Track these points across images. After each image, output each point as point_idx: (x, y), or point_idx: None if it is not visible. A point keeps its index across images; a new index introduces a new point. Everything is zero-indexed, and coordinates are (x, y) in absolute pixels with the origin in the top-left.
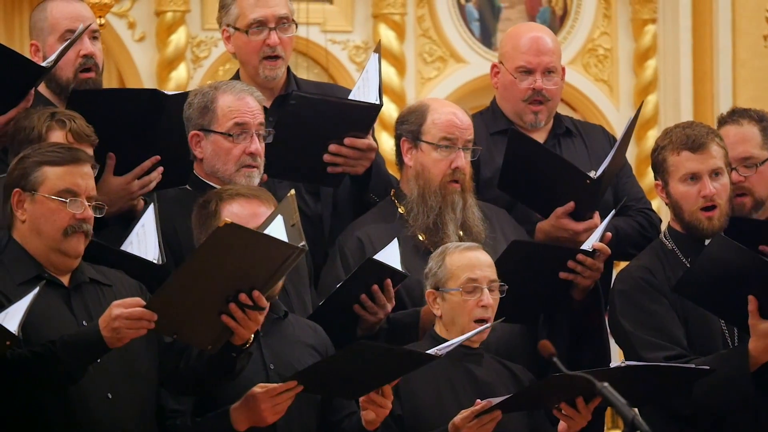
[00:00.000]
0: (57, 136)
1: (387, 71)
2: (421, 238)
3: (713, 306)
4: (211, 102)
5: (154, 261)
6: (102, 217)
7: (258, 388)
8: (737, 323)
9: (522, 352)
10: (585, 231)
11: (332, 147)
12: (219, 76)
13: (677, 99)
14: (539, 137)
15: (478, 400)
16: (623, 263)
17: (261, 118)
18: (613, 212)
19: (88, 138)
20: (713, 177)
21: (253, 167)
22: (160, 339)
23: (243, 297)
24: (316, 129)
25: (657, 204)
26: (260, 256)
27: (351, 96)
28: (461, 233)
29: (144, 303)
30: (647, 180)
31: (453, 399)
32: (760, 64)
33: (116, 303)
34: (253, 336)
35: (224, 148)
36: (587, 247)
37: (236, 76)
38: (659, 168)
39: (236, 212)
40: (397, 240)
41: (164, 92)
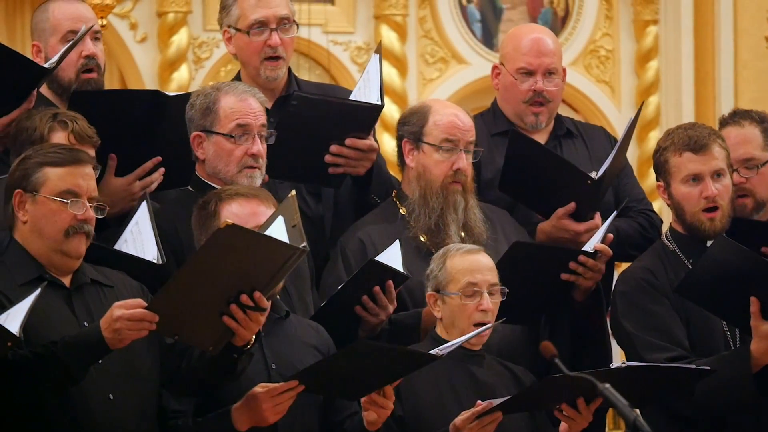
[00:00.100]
0: (59, 137)
1: (388, 72)
2: (423, 239)
3: (715, 307)
4: (213, 103)
5: (154, 261)
6: (103, 218)
7: (259, 388)
8: (739, 324)
9: (523, 354)
10: (586, 232)
11: (333, 148)
12: (221, 77)
13: (679, 100)
14: (540, 138)
15: (479, 401)
16: (624, 264)
17: (263, 120)
18: (615, 213)
19: (90, 139)
20: (715, 178)
21: (255, 168)
22: (162, 340)
23: (244, 298)
24: (318, 130)
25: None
26: (261, 257)
27: (352, 97)
28: (463, 234)
29: (145, 304)
30: (649, 181)
31: (454, 400)
32: (762, 65)
33: (118, 304)
34: (255, 336)
35: (226, 149)
36: (589, 249)
37: (237, 77)
38: (661, 169)
39: (236, 212)
40: (399, 241)
41: (166, 93)
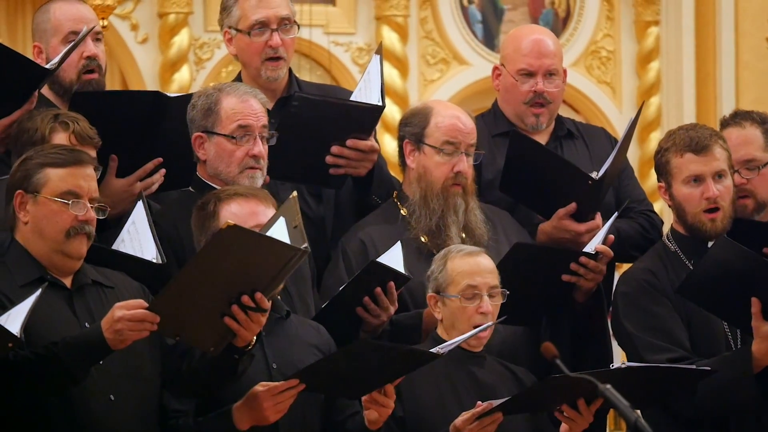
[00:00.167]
0: (60, 138)
1: (390, 73)
2: (424, 240)
3: (716, 308)
4: (215, 104)
5: (153, 260)
6: (104, 219)
7: (260, 387)
8: (740, 325)
9: (524, 354)
10: (587, 232)
11: (335, 149)
12: (222, 78)
13: (680, 101)
14: (541, 139)
15: (479, 402)
16: (625, 265)
17: (264, 121)
18: (616, 214)
19: (91, 140)
20: (716, 179)
21: (256, 169)
22: (163, 341)
23: (245, 299)
24: (319, 130)
25: (660, 206)
26: (262, 258)
27: (353, 98)
28: (464, 235)
29: (147, 305)
30: (650, 182)
31: (455, 401)
32: (763, 66)
33: (119, 305)
34: (256, 337)
35: (227, 150)
36: (590, 250)
37: (238, 78)
38: (662, 170)
39: (235, 212)
40: (400, 242)
41: (167, 94)
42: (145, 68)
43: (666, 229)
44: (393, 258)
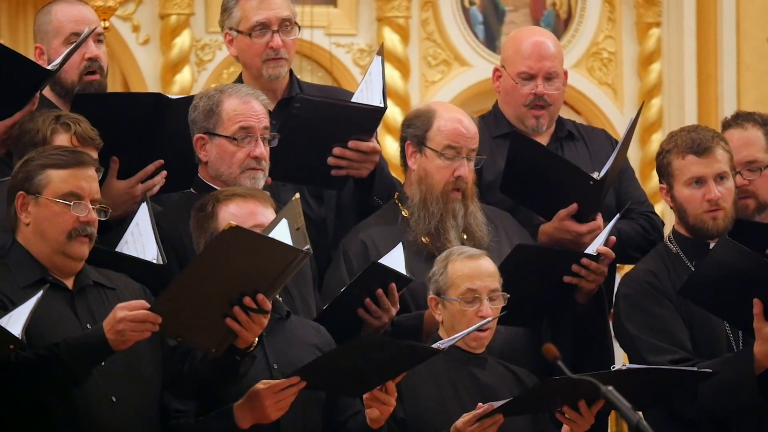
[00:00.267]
0: (62, 139)
1: (391, 74)
2: (425, 241)
3: (718, 309)
4: (217, 105)
5: (154, 261)
6: (105, 221)
7: (261, 385)
8: (742, 326)
9: (526, 356)
10: (588, 233)
11: (336, 150)
12: (223, 79)
13: (681, 102)
14: (541, 141)
15: (480, 404)
16: (627, 267)
17: (266, 122)
18: (618, 216)
19: (93, 141)
20: (718, 181)
21: (258, 170)
22: (164, 342)
23: (247, 300)
24: (320, 132)
25: (661, 208)
26: (264, 260)
27: (354, 99)
28: (465, 237)
29: (148, 305)
30: (652, 183)
31: (456, 402)
32: (765, 68)
33: (121, 305)
34: (257, 338)
35: (229, 152)
36: (591, 251)
37: (239, 79)
38: (664, 171)
39: (234, 212)
40: (402, 243)
41: (168, 96)
42: (147, 69)
43: (668, 231)
44: (394, 259)
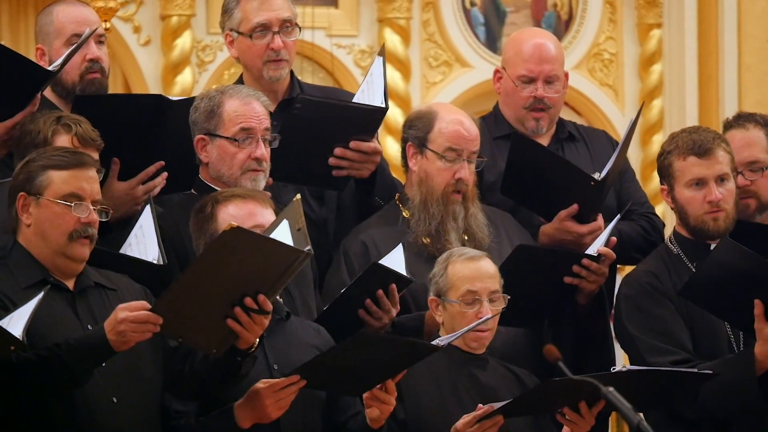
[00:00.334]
0: (63, 140)
1: (392, 75)
2: (425, 242)
3: (719, 310)
4: (218, 106)
5: (154, 261)
6: (106, 223)
7: (261, 384)
8: (743, 327)
9: (527, 357)
10: (589, 233)
11: (338, 150)
12: (224, 80)
13: (682, 104)
14: (542, 142)
15: (480, 405)
16: (627, 268)
17: (267, 123)
18: (618, 217)
19: (94, 142)
20: (719, 182)
21: (259, 172)
22: (165, 343)
23: (248, 301)
24: (322, 132)
25: (662, 209)
26: (266, 260)
27: (355, 99)
28: (466, 238)
29: (150, 306)
30: (653, 184)
31: (457, 403)
32: (766, 69)
33: (122, 306)
34: (258, 339)
35: (230, 153)
36: (592, 252)
37: (240, 80)
38: (665, 173)
39: (233, 213)
40: (402, 244)
41: (169, 98)
42: (148, 70)
43: (669, 232)
44: (395, 260)
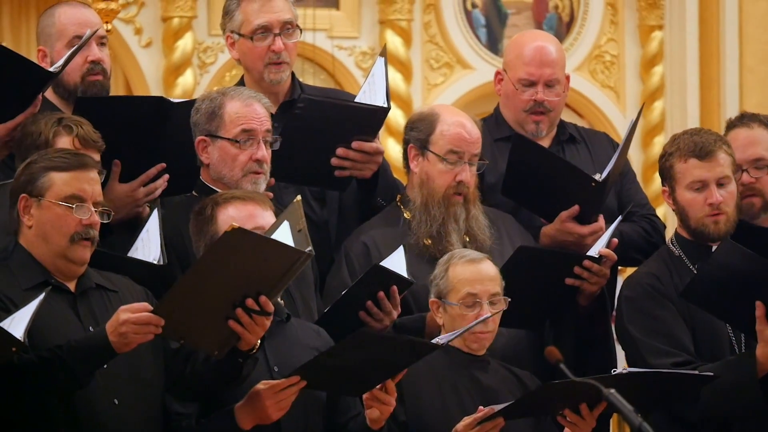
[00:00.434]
0: (64, 142)
1: (393, 77)
2: (427, 243)
3: (720, 312)
4: (219, 108)
5: (155, 262)
6: (107, 224)
7: (261, 385)
8: (744, 329)
9: (528, 358)
10: (590, 234)
11: (340, 150)
12: (225, 82)
13: (684, 105)
14: (543, 144)
15: (481, 407)
16: (629, 269)
17: (268, 125)
18: (620, 218)
19: (95, 144)
20: (720, 185)
21: (260, 173)
22: (167, 345)
23: (250, 302)
24: (324, 132)
25: (663, 210)
26: (267, 261)
27: (357, 100)
28: (467, 239)
29: (151, 308)
30: (654, 186)
31: (457, 405)
32: (767, 70)
33: (124, 308)
34: (259, 341)
35: (231, 154)
36: (593, 253)
37: (241, 82)
38: (666, 174)
39: (233, 215)
40: (403, 246)
41: (170, 100)
42: (149, 72)
43: (670, 234)
44: (396, 262)
